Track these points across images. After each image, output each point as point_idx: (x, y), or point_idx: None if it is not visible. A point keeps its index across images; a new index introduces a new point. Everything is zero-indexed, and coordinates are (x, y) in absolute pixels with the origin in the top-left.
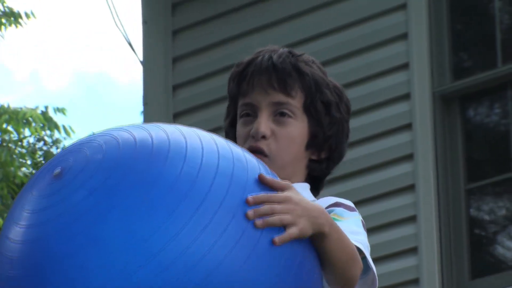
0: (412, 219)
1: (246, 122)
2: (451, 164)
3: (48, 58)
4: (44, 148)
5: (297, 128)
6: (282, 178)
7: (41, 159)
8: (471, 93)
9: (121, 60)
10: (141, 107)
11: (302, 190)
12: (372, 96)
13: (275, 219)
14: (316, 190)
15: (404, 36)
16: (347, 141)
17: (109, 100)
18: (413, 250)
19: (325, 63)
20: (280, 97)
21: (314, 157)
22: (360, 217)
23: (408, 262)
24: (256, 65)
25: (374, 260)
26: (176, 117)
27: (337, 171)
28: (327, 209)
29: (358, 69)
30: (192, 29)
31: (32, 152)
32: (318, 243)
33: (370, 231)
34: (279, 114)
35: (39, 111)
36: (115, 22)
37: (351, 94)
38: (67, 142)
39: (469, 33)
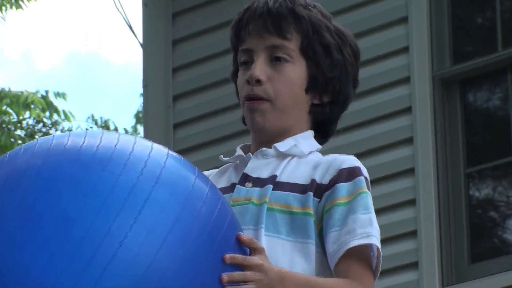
0: (411, 202)
1: (244, 70)
2: (450, 148)
3: (42, 39)
4: (44, 130)
5: (294, 71)
6: (285, 124)
7: None
8: (471, 77)
9: (116, 42)
10: (139, 89)
11: (307, 138)
12: (372, 79)
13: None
14: (323, 136)
15: (404, 20)
16: (354, 85)
17: (105, 83)
18: (413, 234)
19: None
20: (275, 40)
21: (316, 101)
22: (363, 181)
23: (407, 245)
24: (251, 11)
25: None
26: (176, 100)
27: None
28: (328, 190)
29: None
30: (192, 12)
31: (31, 134)
32: None
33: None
34: (275, 59)
35: (39, 96)
36: (115, 4)
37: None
38: (65, 125)
39: (470, 16)
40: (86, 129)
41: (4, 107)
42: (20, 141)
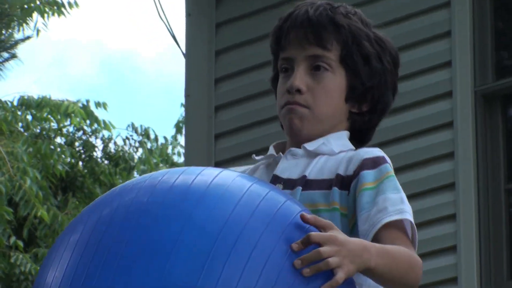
0: (451, 217)
1: (284, 77)
2: (491, 163)
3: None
4: (84, 137)
5: (333, 81)
6: (322, 132)
7: (80, 148)
8: None
9: (159, 51)
10: (181, 99)
11: (339, 138)
12: (414, 93)
13: (321, 265)
14: (360, 143)
15: (447, 34)
16: (393, 93)
17: (145, 91)
18: (452, 249)
19: None
20: (316, 51)
21: (354, 110)
22: (388, 166)
23: (447, 260)
24: (292, 20)
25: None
26: (218, 110)
27: None
28: (354, 180)
29: (401, 66)
30: (235, 23)
31: (71, 142)
32: (368, 275)
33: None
34: (315, 68)
35: (80, 105)
36: (158, 14)
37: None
38: (105, 133)
39: None
40: (126, 137)
41: (45, 114)
42: (59, 149)
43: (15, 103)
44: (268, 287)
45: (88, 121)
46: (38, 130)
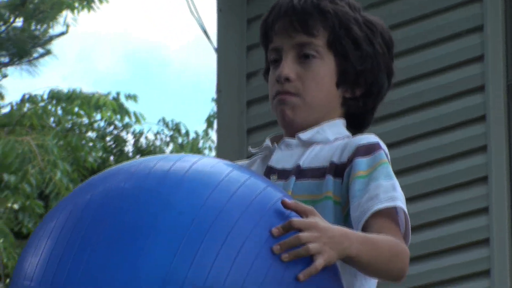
0: (484, 210)
1: (274, 68)
2: None
3: (102, 39)
4: (115, 132)
5: (323, 67)
6: (316, 120)
7: (111, 143)
8: None
9: (190, 46)
10: (211, 94)
11: (334, 126)
12: (446, 87)
13: (300, 251)
14: (357, 128)
15: (479, 28)
16: (388, 75)
17: (177, 86)
18: (485, 242)
19: (400, 54)
20: (302, 38)
21: (348, 95)
22: (382, 153)
23: (479, 253)
24: (277, 10)
25: (446, 251)
26: (250, 105)
27: (409, 161)
28: (348, 167)
29: (433, 60)
30: None
31: (102, 136)
32: (350, 263)
33: (443, 221)
34: (303, 56)
35: (110, 97)
36: (190, 9)
37: (425, 85)
38: (136, 128)
39: None
40: (157, 132)
41: (75, 109)
42: (91, 144)
43: (45, 97)
44: (243, 272)
45: (118, 116)
46: (69, 125)
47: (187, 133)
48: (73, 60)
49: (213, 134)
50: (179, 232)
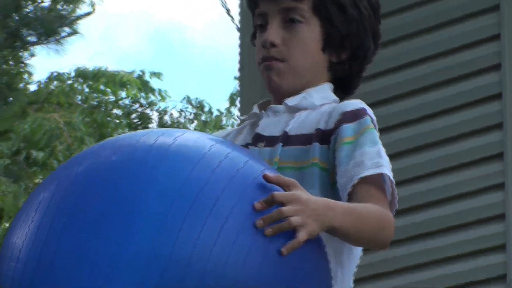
0: (501, 217)
1: (260, 33)
2: None
3: (125, 18)
4: (140, 110)
5: (308, 32)
6: (302, 84)
7: (136, 120)
8: None
9: (213, 23)
10: (234, 72)
11: (321, 91)
12: (463, 95)
13: (284, 225)
14: (345, 92)
15: (496, 37)
16: (375, 38)
17: (200, 64)
18: (501, 248)
19: (414, 63)
20: (288, 3)
21: (334, 59)
22: (368, 119)
23: (496, 259)
24: None
25: (462, 257)
26: None
27: (429, 166)
28: (334, 133)
29: (450, 68)
30: None
31: (127, 113)
32: (335, 234)
33: (458, 227)
34: (289, 21)
35: (135, 75)
36: None
37: (442, 93)
38: (161, 105)
39: None
40: (181, 110)
41: (101, 87)
42: (116, 121)
43: (71, 75)
44: (227, 247)
45: (143, 93)
46: (95, 103)
47: (210, 111)
48: (98, 39)
49: (236, 112)
50: (162, 209)
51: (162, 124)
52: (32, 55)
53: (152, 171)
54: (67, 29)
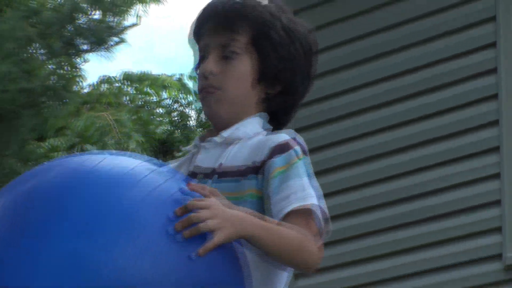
0: (497, 203)
1: (202, 64)
2: None
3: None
4: (180, 109)
5: (244, 65)
6: (236, 114)
7: (177, 118)
8: None
9: None
10: None
11: (255, 121)
12: (459, 97)
13: (200, 226)
14: (279, 124)
15: (493, 45)
16: (307, 75)
17: None
18: (498, 230)
19: (420, 67)
20: (225, 39)
21: (269, 91)
22: (294, 152)
23: (493, 240)
24: (205, 13)
25: (463, 238)
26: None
27: (436, 158)
28: (266, 165)
29: (453, 71)
30: (308, 11)
31: (169, 112)
32: (252, 245)
33: (460, 212)
34: (227, 53)
35: (175, 78)
36: None
37: (447, 93)
38: (198, 104)
39: None
40: None
41: (145, 89)
42: (159, 118)
43: (118, 79)
44: (137, 253)
45: (182, 94)
46: (140, 103)
47: None
48: (141, 46)
49: None
50: (83, 219)
51: (199, 122)
52: (85, 61)
53: (81, 187)
54: (115, 38)
